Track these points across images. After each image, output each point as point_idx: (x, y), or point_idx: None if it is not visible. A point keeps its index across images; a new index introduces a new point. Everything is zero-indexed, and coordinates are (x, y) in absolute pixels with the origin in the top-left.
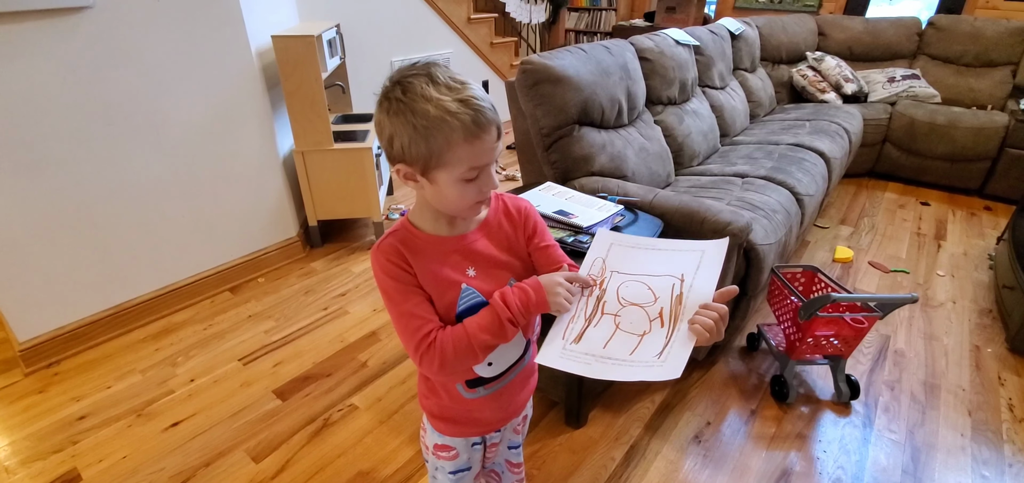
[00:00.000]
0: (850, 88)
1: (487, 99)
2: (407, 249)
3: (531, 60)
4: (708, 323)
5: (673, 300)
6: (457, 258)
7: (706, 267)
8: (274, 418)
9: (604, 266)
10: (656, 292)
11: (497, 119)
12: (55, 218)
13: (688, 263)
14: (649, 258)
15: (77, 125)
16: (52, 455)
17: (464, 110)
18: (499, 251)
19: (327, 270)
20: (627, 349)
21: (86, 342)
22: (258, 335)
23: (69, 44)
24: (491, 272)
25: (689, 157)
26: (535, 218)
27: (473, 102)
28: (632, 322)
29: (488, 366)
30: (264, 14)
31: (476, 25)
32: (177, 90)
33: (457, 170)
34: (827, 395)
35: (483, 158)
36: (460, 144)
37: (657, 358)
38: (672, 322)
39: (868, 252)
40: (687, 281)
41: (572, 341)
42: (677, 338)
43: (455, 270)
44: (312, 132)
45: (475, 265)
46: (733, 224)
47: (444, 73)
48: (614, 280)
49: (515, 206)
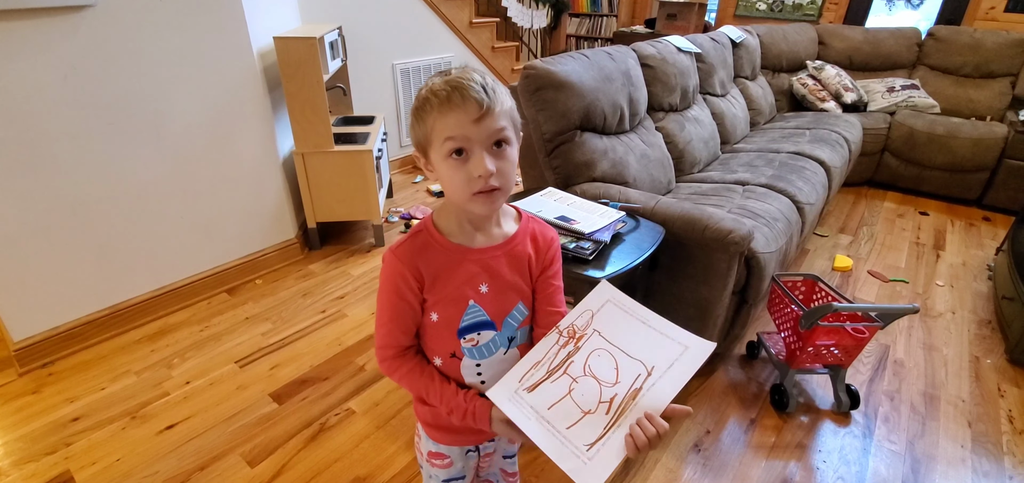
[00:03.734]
0: (850, 97)
1: (479, 81)
2: (423, 256)
3: (534, 65)
4: (642, 439)
5: (629, 393)
6: (474, 270)
7: (678, 368)
8: (270, 422)
9: (591, 321)
10: (620, 374)
11: (483, 97)
12: (52, 217)
13: (665, 355)
14: (635, 331)
15: (76, 124)
16: (45, 457)
17: (445, 86)
18: (515, 272)
19: (326, 272)
20: (567, 421)
21: (81, 342)
22: (255, 337)
23: (70, 43)
24: (503, 292)
25: (690, 164)
26: (556, 251)
27: (456, 80)
28: (584, 394)
29: (481, 383)
30: (266, 15)
31: (478, 29)
32: (178, 90)
33: (440, 145)
34: (827, 405)
35: (459, 129)
36: (437, 116)
37: (586, 450)
38: (617, 415)
39: (867, 261)
40: (653, 377)
41: (526, 389)
42: (613, 439)
43: (468, 284)
44: (313, 134)
45: (490, 282)
46: (735, 232)
47: (461, 69)
48: (591, 342)
49: (543, 234)
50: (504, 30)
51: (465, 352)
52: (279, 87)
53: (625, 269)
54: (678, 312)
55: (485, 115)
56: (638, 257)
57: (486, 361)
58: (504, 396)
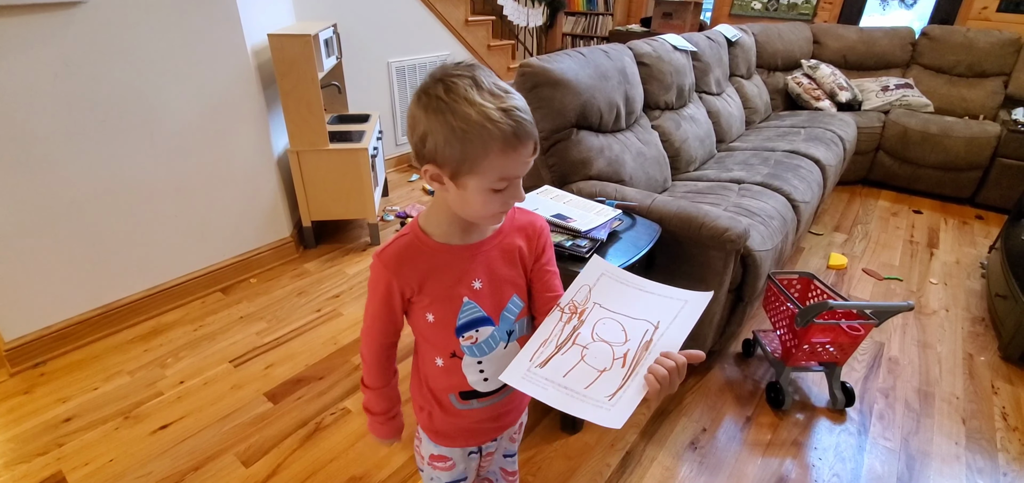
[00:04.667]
0: (844, 96)
1: (528, 111)
2: (410, 261)
3: (530, 63)
4: (662, 372)
5: (641, 345)
6: (466, 268)
7: (682, 318)
8: (265, 421)
9: (589, 295)
10: (628, 333)
11: (535, 133)
12: (44, 215)
13: (667, 311)
14: (634, 297)
15: (68, 122)
16: (37, 458)
17: (506, 119)
18: (507, 265)
19: (321, 271)
20: (584, 382)
21: (73, 342)
22: (250, 337)
23: (61, 40)
24: (497, 286)
25: (686, 162)
26: (547, 239)
27: (515, 113)
28: (597, 357)
29: (484, 381)
30: (260, 12)
31: (474, 27)
32: (171, 87)
33: (488, 179)
34: (822, 402)
35: (516, 170)
36: (496, 153)
37: (608, 399)
38: (633, 366)
39: (862, 259)
40: (661, 329)
41: (538, 365)
42: (632, 384)
43: (461, 282)
44: (307, 132)
45: (483, 277)
46: (731, 230)
47: (489, 78)
48: (594, 314)
49: (530, 222)
50: (500, 28)
51: (465, 350)
52: (273, 85)
53: (621, 267)
54: None
55: (534, 150)
56: (634, 255)
57: (487, 357)
58: (518, 376)
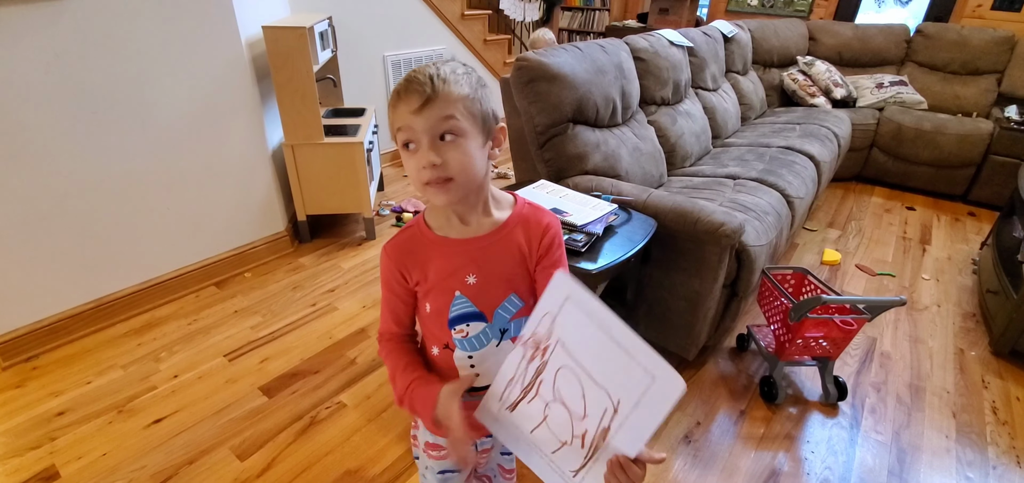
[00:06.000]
0: (839, 93)
1: (431, 72)
2: (410, 252)
3: (527, 57)
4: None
5: (598, 431)
6: (460, 261)
7: (646, 408)
8: (260, 415)
9: (552, 327)
10: (587, 407)
11: (426, 88)
12: (35, 208)
13: (631, 389)
14: (598, 345)
15: (59, 114)
16: (29, 452)
17: (402, 80)
18: (507, 262)
19: (316, 265)
20: (550, 446)
21: (66, 336)
22: (244, 331)
23: (52, 31)
24: (492, 283)
25: (682, 158)
26: (553, 237)
27: (411, 72)
28: (558, 423)
29: (474, 376)
30: (255, 4)
31: (470, 21)
32: (164, 80)
33: (395, 136)
34: (815, 396)
35: (404, 120)
36: (391, 109)
37: (573, 475)
38: (592, 450)
39: (855, 255)
40: (620, 415)
41: (507, 407)
42: (593, 471)
43: (454, 276)
44: (302, 125)
45: (478, 272)
46: (726, 225)
47: (439, 61)
48: (556, 356)
49: (536, 220)
50: (496, 23)
51: (456, 343)
52: (268, 77)
53: (617, 261)
54: (669, 305)
55: (425, 106)
56: (630, 249)
57: (478, 353)
58: (491, 418)
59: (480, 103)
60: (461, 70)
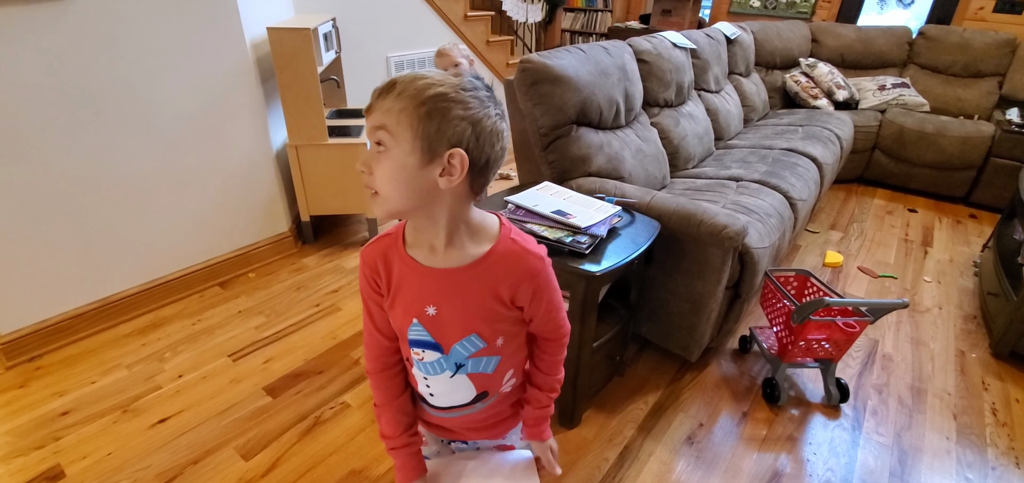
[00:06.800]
0: (842, 95)
1: (393, 78)
2: (384, 260)
3: (531, 59)
4: None
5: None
6: (422, 289)
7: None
8: (264, 415)
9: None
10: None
11: (378, 93)
12: (38, 209)
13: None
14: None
15: (62, 114)
16: (33, 451)
17: None
18: (472, 300)
19: (319, 266)
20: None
21: (69, 336)
22: (248, 331)
23: (55, 31)
24: (453, 319)
25: (684, 160)
26: (539, 285)
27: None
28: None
29: (430, 395)
30: (259, 5)
31: (473, 23)
32: (168, 80)
33: None
34: (817, 398)
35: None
36: None
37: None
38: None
39: (857, 257)
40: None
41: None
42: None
43: (415, 302)
44: (306, 126)
45: (438, 306)
46: (730, 227)
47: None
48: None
49: (519, 259)
50: (499, 24)
51: (413, 362)
52: (272, 78)
53: (621, 263)
54: (672, 307)
55: (370, 108)
56: (633, 251)
57: (433, 378)
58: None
59: (425, 122)
60: (422, 83)
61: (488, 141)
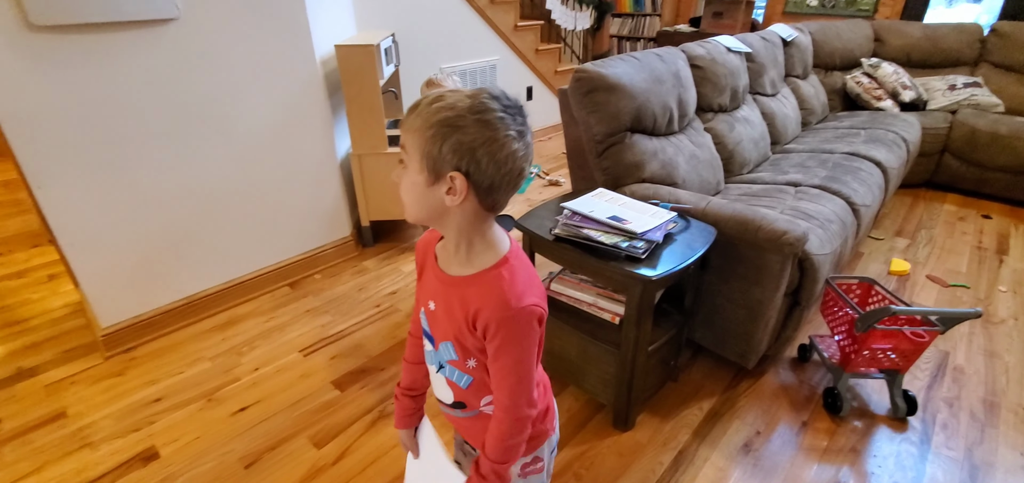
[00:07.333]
0: (908, 96)
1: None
2: (424, 251)
3: (585, 69)
4: None
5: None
6: (431, 286)
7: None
8: (333, 408)
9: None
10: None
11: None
12: (136, 213)
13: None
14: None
15: (158, 126)
16: (131, 433)
17: None
18: (453, 312)
19: (378, 269)
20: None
21: (160, 330)
22: (316, 329)
23: (154, 52)
24: (442, 322)
25: (739, 165)
26: (495, 334)
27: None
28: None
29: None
30: (327, 23)
31: (522, 32)
32: (247, 95)
33: None
34: (882, 410)
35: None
36: None
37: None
38: None
39: (925, 265)
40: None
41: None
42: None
43: (424, 293)
44: (368, 136)
45: (437, 304)
46: (789, 233)
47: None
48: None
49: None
50: (548, 32)
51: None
52: (338, 92)
53: (677, 269)
54: (728, 313)
55: (399, 125)
56: (689, 257)
57: (430, 366)
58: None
59: (430, 144)
60: (435, 107)
61: (495, 163)
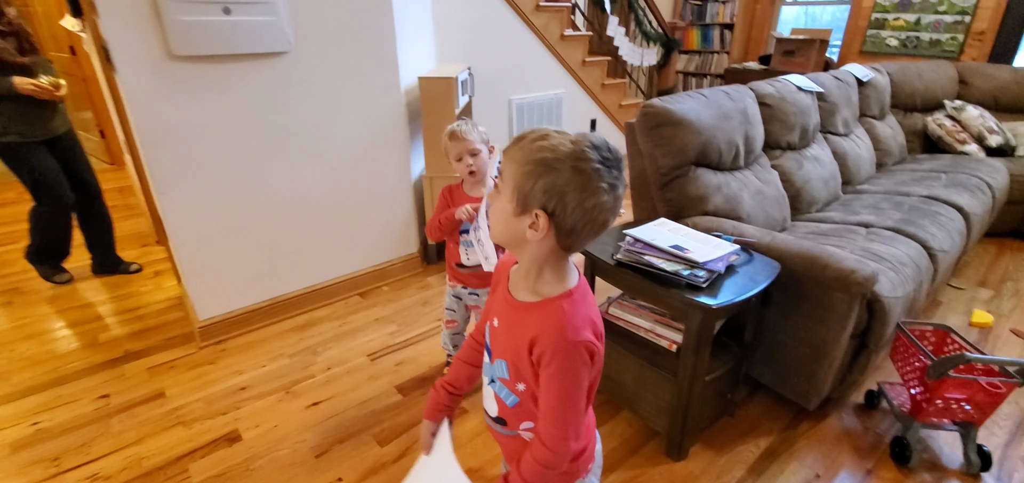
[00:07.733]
0: (995, 140)
1: (523, 134)
2: (504, 270)
3: (653, 104)
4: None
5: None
6: (497, 303)
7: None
8: (397, 410)
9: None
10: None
11: (512, 148)
12: (239, 221)
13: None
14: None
15: (263, 146)
16: (219, 416)
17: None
18: (512, 334)
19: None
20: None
21: (247, 326)
22: (383, 336)
23: (267, 81)
24: (501, 340)
25: (807, 203)
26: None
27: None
28: None
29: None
30: (413, 57)
31: (589, 67)
32: (340, 119)
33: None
34: (955, 464)
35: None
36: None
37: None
38: None
39: (1010, 319)
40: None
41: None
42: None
43: (492, 309)
44: (441, 160)
45: (500, 322)
46: (858, 272)
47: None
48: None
49: (546, 323)
50: (613, 67)
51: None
52: (417, 119)
53: (738, 300)
54: (790, 351)
55: (504, 151)
56: (751, 289)
57: (484, 377)
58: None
59: (524, 180)
60: (537, 145)
61: (581, 209)
